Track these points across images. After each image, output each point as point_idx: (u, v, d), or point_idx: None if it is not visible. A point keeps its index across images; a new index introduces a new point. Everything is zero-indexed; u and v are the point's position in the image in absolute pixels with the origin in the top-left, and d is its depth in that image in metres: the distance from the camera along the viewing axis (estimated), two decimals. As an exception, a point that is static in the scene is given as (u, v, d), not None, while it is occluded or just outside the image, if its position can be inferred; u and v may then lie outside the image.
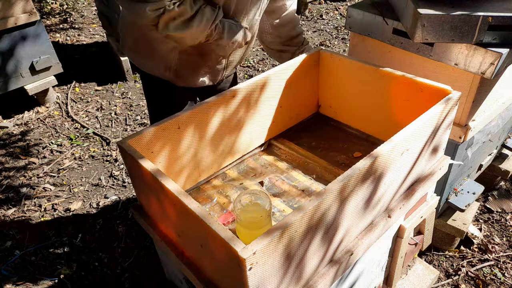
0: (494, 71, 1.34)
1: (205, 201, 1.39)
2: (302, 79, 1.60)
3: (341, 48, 4.22)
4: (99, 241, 2.17)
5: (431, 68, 1.54)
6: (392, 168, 1.12)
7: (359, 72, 1.49)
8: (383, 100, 1.47)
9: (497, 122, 1.86)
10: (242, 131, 1.47)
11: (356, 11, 1.65)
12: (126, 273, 2.01)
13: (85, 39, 4.50)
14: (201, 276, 1.09)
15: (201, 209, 0.90)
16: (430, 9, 1.33)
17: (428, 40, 1.37)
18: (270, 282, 0.90)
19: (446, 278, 1.97)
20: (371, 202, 1.13)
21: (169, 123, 1.22)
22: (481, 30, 1.31)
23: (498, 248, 2.09)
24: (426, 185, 1.34)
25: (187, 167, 1.36)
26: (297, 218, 0.87)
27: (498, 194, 2.41)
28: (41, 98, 3.33)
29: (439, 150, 1.37)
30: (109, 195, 2.47)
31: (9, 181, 2.60)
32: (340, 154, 1.57)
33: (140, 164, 1.04)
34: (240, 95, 1.38)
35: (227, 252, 0.83)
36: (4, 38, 2.85)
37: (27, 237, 2.21)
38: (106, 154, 2.81)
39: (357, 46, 1.76)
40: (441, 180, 1.66)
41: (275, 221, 1.28)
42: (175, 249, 1.18)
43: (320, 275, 1.07)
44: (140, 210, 1.33)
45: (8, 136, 3.03)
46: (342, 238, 1.10)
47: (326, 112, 1.77)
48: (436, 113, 1.17)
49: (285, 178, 1.46)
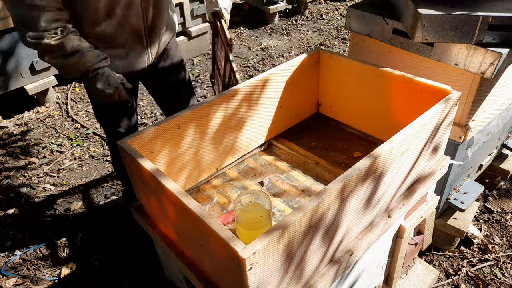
0: (494, 71, 1.34)
1: (205, 201, 1.39)
2: (302, 79, 1.60)
3: (341, 48, 4.22)
4: (99, 241, 2.17)
5: (431, 68, 1.54)
6: (392, 168, 1.12)
7: (359, 72, 1.49)
8: (383, 100, 1.47)
9: (497, 122, 1.86)
10: (242, 131, 1.47)
11: (356, 11, 1.65)
12: (126, 273, 2.01)
13: (85, 39, 4.49)
14: (201, 276, 1.09)
15: (201, 209, 0.90)
16: (430, 9, 1.33)
17: (428, 40, 1.37)
18: (270, 282, 0.90)
19: (446, 278, 1.97)
20: (371, 202, 1.13)
21: (169, 123, 1.22)
22: (481, 30, 1.31)
23: (498, 248, 2.09)
24: (426, 185, 1.34)
25: (187, 167, 1.36)
26: (297, 218, 0.87)
27: (498, 194, 2.41)
28: (41, 98, 3.33)
29: (439, 150, 1.37)
30: (109, 195, 2.47)
31: (9, 181, 2.60)
32: (340, 154, 1.57)
33: (140, 164, 1.04)
34: (240, 95, 1.38)
35: (227, 252, 0.83)
36: (4, 38, 2.85)
37: (27, 237, 2.21)
38: (106, 154, 2.81)
39: (357, 46, 1.76)
40: (441, 180, 1.66)
41: (275, 221, 1.28)
42: (175, 249, 1.18)
43: (320, 275, 1.07)
44: (140, 210, 1.33)
45: (8, 136, 3.03)
46: (342, 238, 1.10)
47: (326, 112, 1.77)
48: (436, 113, 1.17)
49: (285, 178, 1.46)
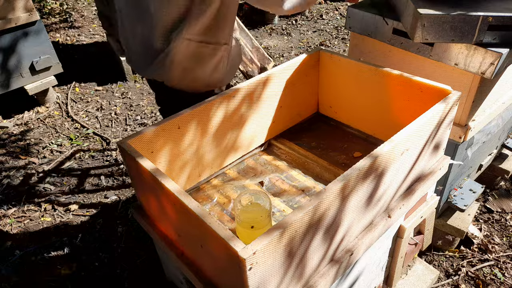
0: (494, 71, 1.34)
1: (205, 201, 1.39)
2: (302, 79, 1.60)
3: (341, 48, 4.22)
4: (99, 241, 2.17)
5: (431, 68, 1.54)
6: (392, 168, 1.12)
7: (359, 72, 1.49)
8: (383, 100, 1.47)
9: (497, 122, 1.86)
10: (242, 131, 1.47)
11: (356, 11, 1.65)
12: (126, 273, 2.01)
13: (85, 39, 4.50)
14: (201, 276, 1.09)
15: (201, 208, 0.90)
16: (430, 9, 1.33)
17: (428, 40, 1.37)
18: (270, 282, 0.90)
19: (446, 278, 1.97)
20: (371, 202, 1.13)
21: (169, 123, 1.22)
22: (481, 30, 1.31)
23: (498, 248, 2.09)
24: (426, 185, 1.34)
25: (187, 167, 1.36)
26: (297, 218, 0.87)
27: (498, 194, 2.41)
28: (41, 98, 3.33)
29: (439, 150, 1.37)
30: (109, 195, 2.47)
31: (9, 181, 2.60)
32: (340, 154, 1.56)
33: (140, 164, 1.04)
34: (240, 95, 1.38)
35: (227, 252, 0.83)
36: (4, 38, 2.85)
37: (27, 237, 2.21)
38: (106, 154, 2.81)
39: (357, 46, 1.76)
40: (441, 180, 1.66)
41: (275, 221, 1.28)
42: (175, 249, 1.18)
43: (320, 275, 1.07)
44: (140, 210, 1.33)
45: (8, 136, 3.03)
46: (342, 238, 1.10)
47: (326, 112, 1.77)
48: (436, 113, 1.17)
49: (285, 178, 1.46)
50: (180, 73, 1.43)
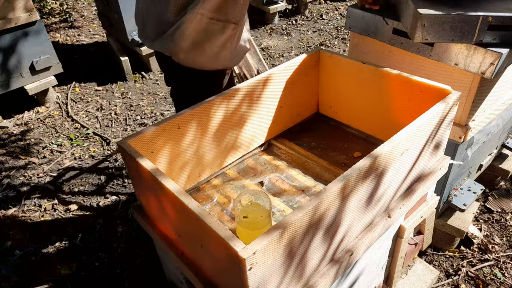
0: (494, 71, 1.34)
1: (205, 201, 1.39)
2: (302, 79, 1.60)
3: (341, 48, 4.22)
4: (99, 241, 2.17)
5: (431, 68, 1.54)
6: (392, 168, 1.12)
7: (359, 72, 1.49)
8: (383, 100, 1.47)
9: (497, 122, 1.86)
10: (242, 131, 1.47)
11: (356, 11, 1.65)
12: (126, 273, 2.01)
13: (85, 39, 4.49)
14: (201, 276, 1.09)
15: (201, 208, 0.90)
16: (430, 9, 1.33)
17: (428, 40, 1.37)
18: (270, 282, 0.90)
19: (446, 278, 1.97)
20: (371, 202, 1.13)
21: (169, 123, 1.22)
22: (481, 30, 1.31)
23: (498, 248, 2.09)
24: (426, 185, 1.34)
25: (187, 167, 1.36)
26: (297, 218, 0.87)
27: (498, 194, 2.41)
28: (41, 98, 3.33)
29: (439, 150, 1.37)
30: (109, 195, 2.47)
31: (9, 181, 2.60)
32: (340, 154, 1.57)
33: (140, 164, 1.04)
34: (240, 95, 1.38)
35: (227, 252, 0.83)
36: (4, 38, 2.85)
37: (27, 237, 2.21)
38: (106, 154, 2.81)
39: (357, 46, 1.76)
40: (441, 180, 1.66)
41: (275, 221, 1.28)
42: (175, 249, 1.18)
43: (320, 274, 1.07)
44: (140, 210, 1.33)
45: (8, 136, 3.03)
46: (342, 238, 1.10)
47: (326, 112, 1.77)
48: (436, 113, 1.17)
49: (285, 178, 1.46)
50: (188, 46, 1.50)
